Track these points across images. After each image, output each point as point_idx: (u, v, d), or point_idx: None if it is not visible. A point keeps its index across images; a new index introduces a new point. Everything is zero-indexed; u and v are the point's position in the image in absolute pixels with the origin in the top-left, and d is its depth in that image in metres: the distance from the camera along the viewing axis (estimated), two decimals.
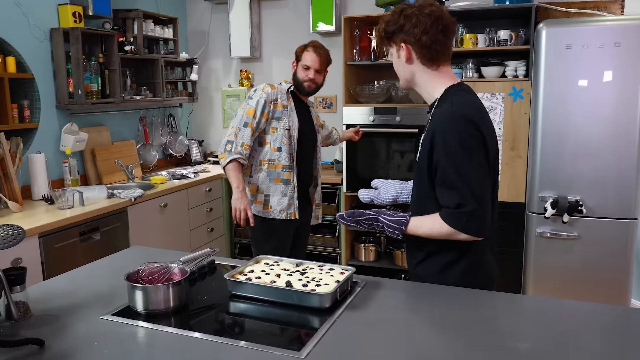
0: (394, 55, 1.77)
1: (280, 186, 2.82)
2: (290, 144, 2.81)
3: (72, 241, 3.01)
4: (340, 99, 4.29)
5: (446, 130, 1.61)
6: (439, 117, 1.65)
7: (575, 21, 3.32)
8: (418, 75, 1.74)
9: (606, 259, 3.24)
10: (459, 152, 1.59)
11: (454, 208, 1.59)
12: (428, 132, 1.67)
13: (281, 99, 2.81)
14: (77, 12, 3.60)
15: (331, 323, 1.45)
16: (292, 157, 2.82)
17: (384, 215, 1.74)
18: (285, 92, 2.84)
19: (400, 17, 1.69)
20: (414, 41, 1.67)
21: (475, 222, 1.59)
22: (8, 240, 1.49)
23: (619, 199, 3.18)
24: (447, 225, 1.60)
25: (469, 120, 1.60)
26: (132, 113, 4.41)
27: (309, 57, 2.80)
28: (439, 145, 1.61)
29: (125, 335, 1.43)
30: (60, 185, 3.59)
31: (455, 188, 1.59)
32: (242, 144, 2.72)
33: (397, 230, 1.70)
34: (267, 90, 2.79)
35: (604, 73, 3.11)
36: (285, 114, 2.81)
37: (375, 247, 4.13)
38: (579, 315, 1.54)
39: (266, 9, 4.76)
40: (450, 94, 1.69)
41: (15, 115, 3.32)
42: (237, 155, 2.69)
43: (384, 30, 1.75)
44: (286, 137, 2.80)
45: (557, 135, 3.24)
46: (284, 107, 2.81)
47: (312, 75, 2.82)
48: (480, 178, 1.61)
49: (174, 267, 1.67)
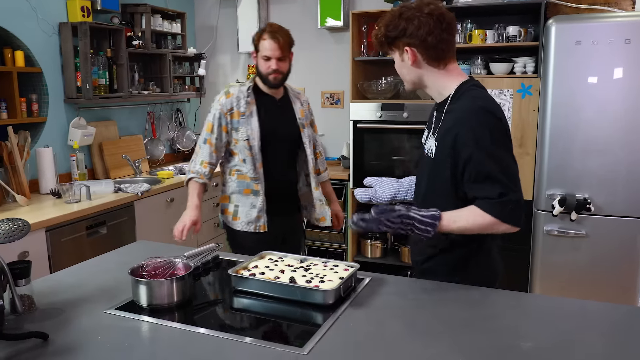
0: (397, 59, 1.74)
1: (250, 197, 2.54)
2: (252, 154, 2.49)
3: (78, 235, 3.03)
4: (348, 94, 4.27)
5: (475, 126, 1.59)
6: (460, 113, 1.63)
7: (585, 17, 3.28)
8: (426, 76, 1.71)
9: (614, 257, 3.21)
10: (494, 145, 1.59)
11: (497, 198, 1.57)
12: (447, 129, 1.65)
13: (238, 107, 2.49)
14: (86, 6, 3.61)
15: (334, 319, 1.45)
16: (256, 169, 2.50)
17: (414, 210, 1.61)
18: (245, 96, 2.51)
19: (401, 20, 1.65)
20: (418, 43, 1.65)
21: (518, 211, 1.59)
22: (13, 233, 1.50)
23: (628, 197, 3.15)
24: (490, 216, 1.58)
25: (495, 115, 1.62)
26: (140, 108, 4.42)
27: (267, 45, 2.44)
28: (469, 141, 1.59)
29: (128, 330, 1.43)
30: (68, 180, 3.60)
31: (495, 179, 1.58)
32: (201, 162, 2.50)
33: (430, 226, 1.59)
34: (221, 101, 2.51)
35: (614, 70, 3.07)
36: (243, 122, 2.49)
37: (381, 244, 4.12)
38: (583, 314, 1.53)
39: (274, 4, 4.75)
40: (465, 90, 1.68)
41: (23, 109, 3.34)
42: (193, 175, 2.48)
43: (385, 36, 1.70)
44: (247, 148, 2.49)
45: (565, 132, 3.21)
46: (242, 115, 2.48)
47: (275, 66, 2.46)
48: (516, 169, 1.63)
49: (178, 262, 1.67)
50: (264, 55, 2.45)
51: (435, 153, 1.69)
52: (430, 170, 1.73)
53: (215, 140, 2.50)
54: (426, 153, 1.78)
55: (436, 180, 1.70)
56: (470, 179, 1.62)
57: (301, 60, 4.70)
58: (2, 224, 1.52)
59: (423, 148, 1.84)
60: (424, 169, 1.79)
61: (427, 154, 1.76)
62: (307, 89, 4.72)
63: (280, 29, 2.48)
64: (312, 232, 4.25)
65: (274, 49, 2.44)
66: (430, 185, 1.74)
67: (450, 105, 1.68)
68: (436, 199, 1.70)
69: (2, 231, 1.49)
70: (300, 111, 2.64)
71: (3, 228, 1.51)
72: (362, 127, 3.93)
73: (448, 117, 1.67)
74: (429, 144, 1.76)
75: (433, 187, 1.73)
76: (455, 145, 1.61)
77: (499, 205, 1.58)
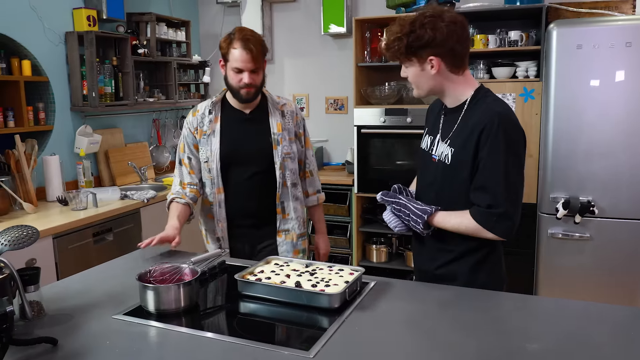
0: (415, 69, 1.70)
1: (212, 223, 2.35)
2: (211, 177, 2.26)
3: (85, 242, 3.05)
4: (352, 100, 4.30)
5: (498, 136, 1.61)
6: (483, 120, 1.64)
7: (586, 21, 3.29)
8: (446, 84, 1.72)
9: (618, 260, 3.21)
10: (508, 158, 1.62)
11: (485, 207, 1.63)
12: (468, 135, 1.66)
13: (201, 126, 2.26)
14: (92, 16, 3.65)
15: (340, 323, 1.46)
16: (214, 194, 2.27)
17: (412, 204, 1.75)
18: (208, 112, 2.27)
19: (425, 29, 1.61)
20: (445, 52, 1.64)
21: (504, 223, 1.63)
22: (22, 240, 1.52)
23: (631, 200, 3.16)
24: (475, 222, 1.64)
25: (518, 126, 1.66)
26: (145, 115, 4.45)
27: (238, 55, 2.09)
28: (485, 146, 1.62)
29: (136, 335, 1.45)
30: (74, 187, 3.63)
31: (490, 190, 1.63)
32: (180, 183, 2.32)
33: (420, 218, 1.71)
34: (188, 119, 2.31)
35: (615, 73, 3.09)
36: (203, 142, 2.26)
37: (386, 248, 4.13)
38: (588, 315, 1.54)
39: (278, 11, 4.78)
40: (482, 96, 1.71)
41: (30, 118, 3.37)
42: (173, 196, 2.29)
43: (408, 46, 1.65)
44: (206, 170, 2.27)
45: (568, 135, 3.22)
46: (203, 135, 2.26)
47: (248, 79, 2.12)
48: (520, 180, 1.67)
49: (184, 267, 1.69)
50: (235, 67, 2.12)
51: (452, 159, 1.70)
52: (444, 176, 1.74)
53: (189, 160, 2.31)
54: (435, 158, 1.78)
55: (453, 184, 1.72)
56: (473, 184, 1.66)
57: (305, 67, 4.75)
58: (11, 231, 1.55)
59: (426, 153, 1.84)
60: (433, 174, 1.80)
61: (438, 159, 1.76)
62: (310, 94, 4.75)
63: (253, 36, 2.14)
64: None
65: (246, 61, 2.10)
66: (444, 190, 1.75)
67: (468, 112, 1.70)
68: (450, 203, 1.72)
69: (11, 238, 1.51)
70: (278, 124, 2.27)
71: (12, 235, 1.53)
72: (366, 133, 3.95)
73: (466, 123, 1.69)
74: (439, 149, 1.77)
75: (448, 192, 1.74)
76: (477, 151, 1.64)
77: (485, 214, 1.64)
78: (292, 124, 2.33)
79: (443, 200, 1.74)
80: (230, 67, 2.13)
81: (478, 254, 1.75)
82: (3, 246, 1.49)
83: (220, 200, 2.27)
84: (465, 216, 1.67)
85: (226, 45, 2.13)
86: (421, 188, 1.88)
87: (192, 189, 2.31)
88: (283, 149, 2.26)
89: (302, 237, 2.38)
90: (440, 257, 1.80)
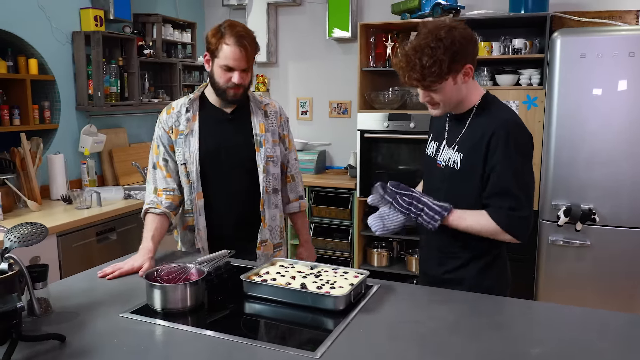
0: (448, 86, 1.65)
1: (187, 235, 2.18)
2: (189, 182, 2.09)
3: (89, 241, 3.07)
4: (355, 104, 4.31)
5: (510, 140, 1.64)
6: (492, 125, 1.67)
7: (589, 30, 3.32)
8: (465, 91, 1.73)
9: (619, 268, 3.23)
10: (522, 162, 1.67)
11: (506, 209, 1.64)
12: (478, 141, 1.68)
13: (177, 125, 2.08)
14: (99, 16, 3.67)
15: (345, 325, 1.48)
16: (193, 200, 2.10)
17: (428, 198, 1.70)
18: (185, 110, 2.09)
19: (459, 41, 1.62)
20: (473, 58, 1.68)
21: (523, 225, 1.67)
22: (32, 237, 1.54)
23: (632, 208, 3.17)
24: (495, 223, 1.65)
25: (527, 131, 1.70)
26: (150, 115, 4.47)
27: (229, 53, 1.93)
28: (501, 154, 1.65)
29: (144, 333, 1.47)
30: (78, 186, 3.65)
31: (511, 194, 1.65)
32: (154, 190, 2.10)
33: (438, 214, 1.67)
34: (161, 117, 2.12)
35: (618, 82, 3.11)
36: (180, 143, 2.08)
37: (387, 252, 4.14)
38: (589, 321, 1.56)
39: (283, 14, 4.81)
40: (489, 102, 1.74)
41: (36, 116, 3.39)
42: (147, 206, 2.10)
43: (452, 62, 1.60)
44: (184, 174, 2.09)
45: (570, 143, 3.24)
46: (179, 135, 2.08)
47: (238, 79, 1.98)
48: (533, 187, 1.71)
49: (191, 267, 1.70)
50: (225, 64, 1.96)
51: (462, 164, 1.72)
52: (451, 181, 1.76)
53: (165, 162, 2.10)
54: (440, 164, 1.80)
55: (461, 190, 1.74)
56: (490, 190, 1.68)
57: (309, 70, 4.77)
58: (20, 228, 1.56)
59: (431, 159, 1.86)
60: (438, 179, 1.81)
61: (446, 165, 1.78)
62: (314, 98, 4.77)
63: (247, 32, 1.97)
64: (317, 241, 4.28)
65: (238, 59, 1.95)
66: (454, 195, 1.76)
67: (475, 118, 1.72)
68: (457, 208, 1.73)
69: (20, 235, 1.53)
70: (260, 125, 2.13)
71: (21, 232, 1.55)
72: (369, 137, 3.97)
73: (475, 129, 1.71)
74: (446, 155, 1.78)
75: (458, 198, 1.75)
76: (487, 156, 1.66)
77: (507, 216, 1.65)
78: (276, 124, 2.19)
79: (452, 204, 1.74)
80: (219, 64, 1.97)
81: (486, 258, 1.78)
82: (12, 243, 1.51)
83: (200, 207, 2.09)
84: (483, 216, 1.67)
85: (216, 40, 1.95)
86: (427, 193, 1.88)
87: (168, 196, 2.09)
88: (266, 151, 2.12)
89: (279, 248, 2.24)
90: (449, 262, 1.82)
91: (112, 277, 1.85)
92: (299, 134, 4.77)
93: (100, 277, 1.86)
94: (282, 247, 2.27)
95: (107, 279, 1.85)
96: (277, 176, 2.20)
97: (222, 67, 1.96)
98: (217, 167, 2.09)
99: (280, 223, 2.24)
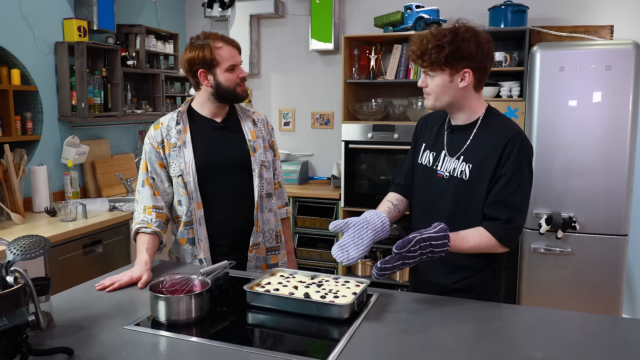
0: (443, 79, 1.70)
1: (186, 248, 2.16)
2: (187, 193, 2.10)
3: (75, 254, 3.03)
4: (338, 115, 4.37)
5: (518, 153, 1.69)
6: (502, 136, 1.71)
7: (568, 45, 3.44)
8: (467, 99, 1.76)
9: (598, 274, 3.34)
10: (526, 175, 1.70)
11: (505, 222, 1.68)
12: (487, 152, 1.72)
13: (168, 138, 2.11)
14: (82, 26, 3.65)
15: (351, 333, 1.50)
16: (192, 212, 2.10)
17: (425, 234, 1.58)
18: (175, 123, 2.12)
19: (470, 43, 1.65)
20: (479, 67, 1.70)
21: (516, 236, 1.71)
22: (34, 249, 1.52)
23: (609, 216, 3.29)
24: (494, 239, 1.69)
25: (530, 145, 1.75)
26: (132, 126, 4.44)
27: (228, 53, 2.06)
28: (507, 162, 1.69)
29: (151, 345, 1.46)
30: (61, 198, 3.60)
31: (510, 205, 1.69)
32: (144, 209, 2.10)
33: (445, 238, 1.58)
34: (150, 134, 2.14)
35: (593, 94, 3.23)
36: (174, 155, 2.10)
37: (372, 262, 4.18)
38: (585, 325, 1.61)
39: (265, 26, 4.84)
40: (493, 115, 1.79)
41: (18, 127, 3.34)
42: (138, 226, 2.08)
43: (450, 55, 1.65)
44: (181, 186, 2.10)
45: (550, 153, 3.35)
46: (173, 147, 2.10)
47: (244, 72, 2.12)
48: (529, 199, 1.73)
49: (194, 278, 1.71)
50: (229, 65, 2.05)
51: (471, 174, 1.75)
52: (459, 191, 1.78)
53: (153, 180, 2.13)
54: (443, 175, 1.82)
55: (470, 199, 1.77)
56: (492, 197, 1.72)
57: (291, 82, 4.81)
58: (21, 240, 1.54)
59: (429, 169, 1.89)
60: (440, 190, 1.83)
61: (450, 175, 1.80)
62: (297, 109, 4.81)
63: (225, 35, 2.14)
64: (302, 251, 4.30)
65: (237, 54, 2.10)
66: (462, 206, 1.78)
67: (481, 129, 1.77)
68: (466, 219, 1.76)
69: (22, 248, 1.51)
70: (251, 132, 2.21)
71: (23, 244, 1.53)
72: (353, 148, 4.03)
73: (482, 140, 1.75)
74: (449, 165, 1.81)
75: (467, 206, 1.77)
76: (499, 164, 1.70)
77: (504, 229, 1.69)
78: (265, 131, 2.27)
79: (459, 214, 1.78)
80: (224, 69, 2.05)
81: (493, 266, 1.84)
82: (15, 256, 1.49)
83: (200, 217, 2.10)
84: (483, 234, 1.69)
85: (208, 51, 2.03)
86: (422, 204, 1.91)
87: (158, 214, 2.10)
88: (259, 156, 2.19)
89: (274, 252, 2.26)
90: (459, 271, 1.84)
91: (111, 290, 1.84)
92: (282, 144, 4.79)
93: (98, 290, 1.85)
94: (278, 252, 2.28)
95: (106, 291, 1.84)
96: (270, 181, 2.26)
97: (228, 69, 2.06)
98: (213, 175, 2.12)
99: (276, 227, 2.28)
